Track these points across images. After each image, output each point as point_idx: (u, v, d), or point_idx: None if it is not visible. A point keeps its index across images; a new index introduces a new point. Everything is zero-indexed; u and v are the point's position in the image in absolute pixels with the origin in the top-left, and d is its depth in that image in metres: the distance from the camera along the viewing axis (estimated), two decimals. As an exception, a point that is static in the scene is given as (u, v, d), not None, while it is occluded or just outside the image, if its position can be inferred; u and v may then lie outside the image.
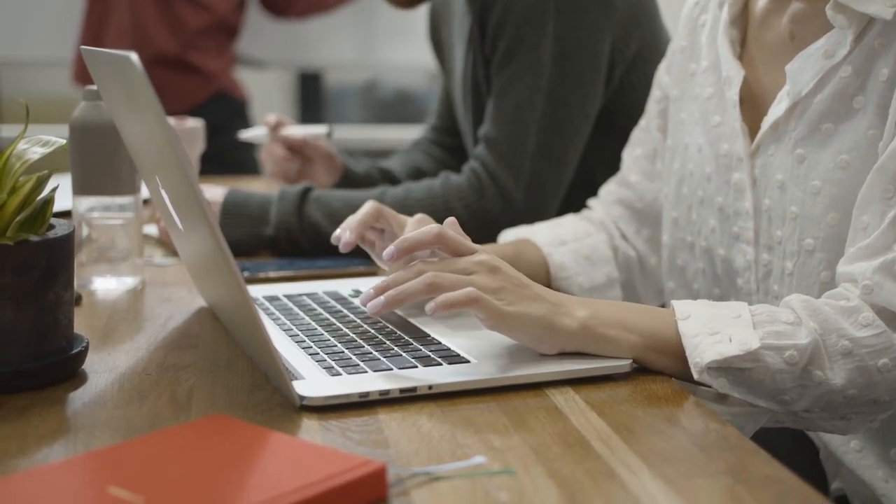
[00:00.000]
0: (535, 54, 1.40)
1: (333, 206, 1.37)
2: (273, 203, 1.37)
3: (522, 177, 1.40)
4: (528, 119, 1.40)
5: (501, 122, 1.41)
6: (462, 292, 0.87)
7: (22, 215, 0.84)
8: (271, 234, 1.36)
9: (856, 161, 0.97)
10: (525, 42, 1.40)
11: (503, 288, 0.89)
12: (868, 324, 0.88)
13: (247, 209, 1.37)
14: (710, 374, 0.86)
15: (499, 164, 1.40)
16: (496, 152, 1.41)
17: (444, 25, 1.66)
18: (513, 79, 1.41)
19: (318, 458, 0.67)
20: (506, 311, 0.88)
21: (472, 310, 0.87)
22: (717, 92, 1.13)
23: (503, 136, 1.41)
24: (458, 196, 1.41)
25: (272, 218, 1.36)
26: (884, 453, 1.03)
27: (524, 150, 1.40)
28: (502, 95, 1.42)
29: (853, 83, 0.98)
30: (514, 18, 1.41)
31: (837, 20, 0.98)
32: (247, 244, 1.36)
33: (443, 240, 0.92)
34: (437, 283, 0.88)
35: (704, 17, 1.18)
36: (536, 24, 1.40)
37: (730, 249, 1.10)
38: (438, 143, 1.78)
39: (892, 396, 0.90)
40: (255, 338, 0.85)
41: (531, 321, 0.88)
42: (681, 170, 1.18)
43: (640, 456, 0.73)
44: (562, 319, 0.89)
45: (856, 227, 0.95)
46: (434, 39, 1.71)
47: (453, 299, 0.87)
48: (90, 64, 0.99)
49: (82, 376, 0.89)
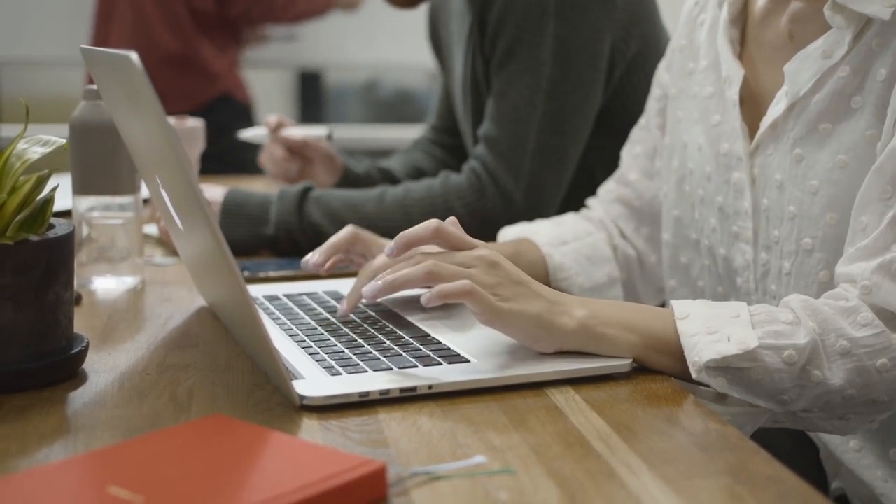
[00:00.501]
0: (535, 53, 1.40)
1: (333, 205, 1.37)
2: (273, 203, 1.37)
3: (522, 176, 1.40)
4: (529, 119, 1.40)
5: (501, 121, 1.41)
6: (457, 284, 0.87)
7: (22, 215, 0.84)
8: (271, 234, 1.36)
9: (854, 161, 0.97)
10: (525, 41, 1.40)
11: (500, 284, 0.89)
12: (867, 324, 0.89)
13: (246, 209, 1.37)
14: (708, 373, 0.86)
15: (499, 163, 1.40)
16: (496, 152, 1.41)
17: (443, 25, 1.66)
18: (513, 78, 1.41)
19: (318, 457, 0.67)
20: (500, 307, 0.88)
21: (467, 302, 0.88)
22: (716, 91, 1.13)
23: (503, 136, 1.41)
24: (457, 195, 1.41)
25: (272, 217, 1.36)
26: (883, 453, 1.03)
27: (524, 150, 1.40)
28: (502, 95, 1.42)
29: (851, 83, 0.98)
30: (514, 18, 1.41)
31: (835, 20, 0.98)
32: (247, 244, 1.36)
33: (441, 234, 0.92)
34: (436, 273, 0.88)
35: (704, 16, 1.18)
36: (536, 24, 1.40)
37: (730, 249, 1.10)
38: (438, 143, 1.78)
39: (890, 397, 0.90)
40: (255, 337, 0.85)
41: (526, 319, 0.88)
42: (680, 168, 1.18)
43: (640, 456, 0.73)
44: (560, 318, 0.89)
45: (854, 227, 0.95)
46: (433, 39, 1.71)
47: (448, 290, 0.87)
48: (89, 63, 0.99)
49: (82, 376, 0.89)
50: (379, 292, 0.89)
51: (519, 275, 0.91)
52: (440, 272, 0.88)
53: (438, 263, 0.89)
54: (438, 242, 0.93)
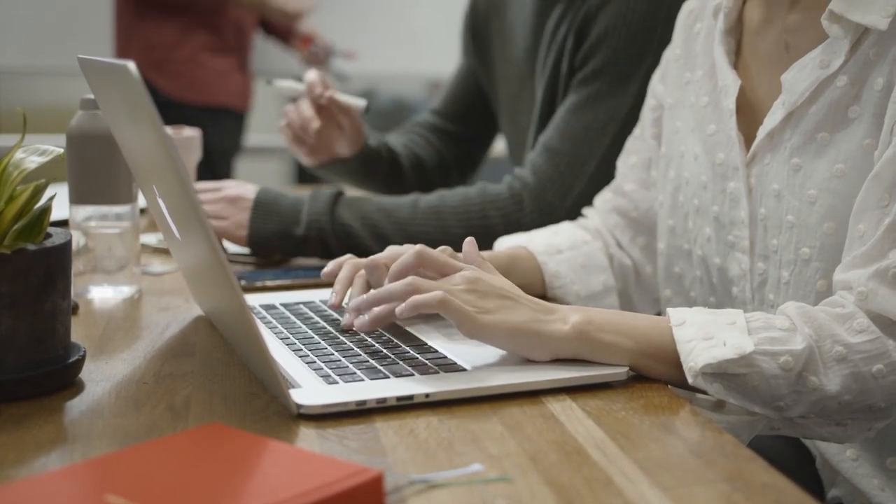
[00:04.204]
0: (623, 83, 1.39)
1: (365, 209, 1.36)
2: (305, 203, 1.36)
3: (571, 196, 1.38)
4: (596, 142, 1.38)
5: (568, 136, 1.39)
6: (431, 294, 0.89)
7: (19, 224, 0.84)
8: (301, 234, 1.35)
9: (851, 170, 0.97)
10: (617, 68, 1.39)
11: (483, 297, 0.91)
12: (862, 329, 0.89)
13: (278, 207, 1.36)
14: (704, 378, 0.87)
15: (552, 176, 1.38)
16: (553, 163, 1.39)
17: (492, 14, 1.62)
18: (593, 98, 1.39)
19: (315, 466, 0.67)
20: (480, 318, 0.89)
21: (444, 314, 0.89)
22: (712, 101, 1.13)
23: (566, 151, 1.39)
24: (495, 205, 1.38)
25: (303, 218, 1.35)
26: (880, 462, 1.03)
27: (583, 171, 1.38)
28: (577, 111, 1.40)
29: (848, 93, 0.98)
30: (614, 42, 1.39)
31: (833, 30, 0.98)
32: (277, 242, 1.35)
33: (424, 259, 0.96)
34: (416, 285, 0.91)
35: (699, 25, 1.18)
36: (634, 56, 1.38)
37: (725, 258, 1.11)
38: (439, 130, 1.74)
39: (887, 402, 0.90)
40: (252, 346, 0.85)
41: (510, 329, 0.89)
42: (676, 178, 1.18)
43: (637, 464, 0.73)
44: (552, 325, 0.89)
45: (852, 235, 0.95)
46: (473, 27, 1.67)
47: (420, 300, 0.89)
48: (86, 73, 0.99)
49: (79, 385, 0.89)
50: (364, 304, 0.94)
51: (503, 288, 0.92)
52: (420, 286, 0.91)
53: (418, 279, 0.92)
54: (424, 265, 0.96)
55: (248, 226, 1.35)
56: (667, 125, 1.21)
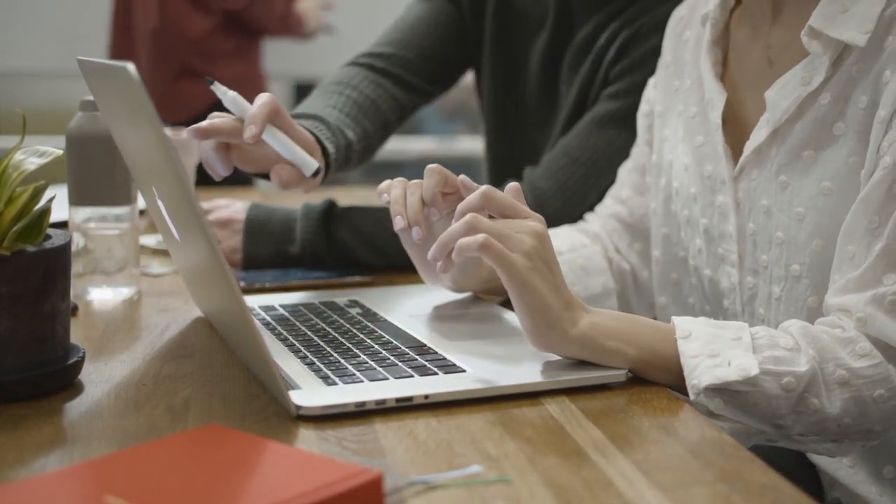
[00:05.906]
0: None
1: (358, 221, 1.33)
2: (297, 220, 1.33)
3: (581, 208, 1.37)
4: (616, 160, 1.36)
5: (588, 146, 1.39)
6: (472, 238, 0.86)
7: (19, 225, 0.84)
8: (297, 253, 1.32)
9: (838, 188, 0.97)
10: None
11: (537, 255, 0.88)
12: (865, 354, 0.89)
13: (270, 226, 1.33)
14: (706, 395, 0.86)
15: (567, 186, 1.38)
16: (569, 173, 1.38)
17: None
18: (622, 115, 1.38)
19: (314, 467, 0.67)
20: (523, 275, 0.86)
21: (484, 257, 0.86)
22: (700, 111, 1.13)
23: (584, 162, 1.38)
24: None
25: (297, 236, 1.32)
26: (876, 472, 1.03)
27: (597, 186, 1.37)
28: (603, 124, 1.39)
29: (833, 110, 0.98)
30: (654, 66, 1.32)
31: (812, 46, 0.98)
32: (272, 262, 1.33)
33: (490, 200, 0.91)
34: (474, 224, 0.87)
35: (688, 33, 1.18)
36: None
37: (715, 270, 1.10)
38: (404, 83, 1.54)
39: (884, 426, 0.90)
40: (251, 347, 0.85)
41: (541, 303, 0.87)
42: (667, 187, 1.18)
43: (636, 465, 0.73)
44: (564, 323, 0.88)
45: (841, 255, 0.95)
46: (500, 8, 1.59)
47: (464, 244, 0.86)
48: (86, 74, 0.99)
49: (79, 386, 0.89)
50: (437, 253, 0.90)
51: (555, 261, 0.90)
52: (479, 226, 0.87)
53: (479, 217, 0.88)
54: (490, 208, 0.92)
55: (242, 249, 1.32)
56: (657, 133, 1.21)
